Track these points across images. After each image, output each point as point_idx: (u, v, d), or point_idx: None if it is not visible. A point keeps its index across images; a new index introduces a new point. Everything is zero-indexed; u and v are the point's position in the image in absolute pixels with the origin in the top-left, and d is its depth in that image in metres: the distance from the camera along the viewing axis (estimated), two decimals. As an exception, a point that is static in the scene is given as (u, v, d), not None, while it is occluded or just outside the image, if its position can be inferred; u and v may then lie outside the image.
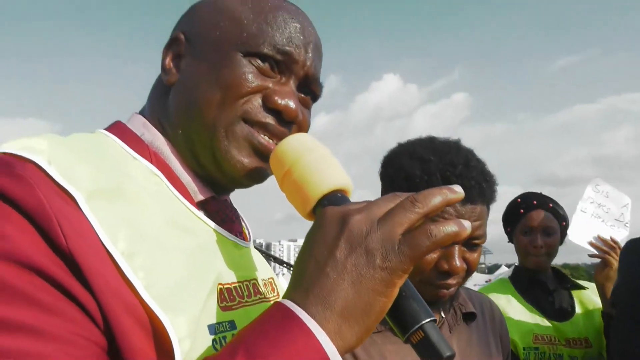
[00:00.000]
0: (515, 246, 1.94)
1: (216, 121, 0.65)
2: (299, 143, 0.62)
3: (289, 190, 0.61)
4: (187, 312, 0.54)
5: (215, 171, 0.68)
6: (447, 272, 0.94)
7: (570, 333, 1.77)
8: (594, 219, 1.78)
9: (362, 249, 0.47)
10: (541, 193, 1.95)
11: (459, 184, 0.91)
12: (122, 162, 0.62)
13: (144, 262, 0.52)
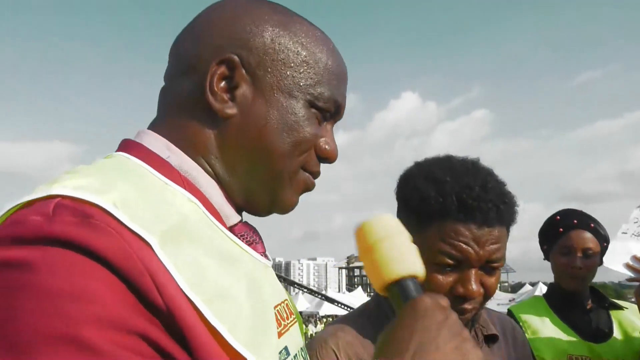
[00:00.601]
0: (552, 265, 1.87)
1: (283, 170, 0.66)
2: (387, 224, 0.68)
3: (369, 263, 0.67)
4: (268, 348, 0.55)
5: (261, 207, 0.69)
6: (463, 297, 0.91)
7: (606, 355, 1.69)
8: (633, 238, 1.71)
9: (460, 336, 0.57)
10: (582, 211, 1.87)
11: (475, 206, 0.88)
12: (161, 191, 0.57)
13: (221, 305, 0.50)
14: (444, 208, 0.90)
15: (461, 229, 0.89)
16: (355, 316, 1.08)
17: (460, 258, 0.90)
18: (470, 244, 0.89)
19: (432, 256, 0.91)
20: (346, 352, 0.97)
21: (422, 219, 0.93)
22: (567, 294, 1.83)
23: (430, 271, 0.91)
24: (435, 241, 0.91)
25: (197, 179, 0.63)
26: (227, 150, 0.64)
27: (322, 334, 1.04)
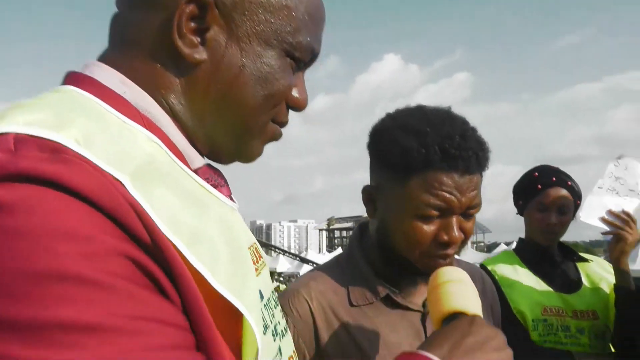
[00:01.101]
0: (527, 220, 1.91)
1: (254, 123, 0.64)
2: (456, 274, 0.83)
3: (435, 297, 0.80)
4: (250, 291, 0.54)
5: (226, 156, 0.67)
6: (447, 243, 0.94)
7: (577, 305, 1.77)
8: (608, 193, 1.76)
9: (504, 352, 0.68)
10: (559, 169, 1.90)
11: (457, 155, 0.91)
12: (120, 130, 0.52)
13: (200, 248, 0.48)
14: (426, 159, 0.91)
15: (444, 178, 0.91)
16: (328, 267, 1.10)
17: (444, 207, 0.92)
18: (454, 192, 0.91)
19: (416, 208, 0.93)
20: (319, 301, 0.99)
21: (403, 171, 0.94)
22: (539, 248, 1.89)
23: (414, 222, 0.93)
24: (419, 193, 0.92)
25: (157, 118, 0.58)
26: (193, 99, 0.60)
27: (294, 284, 1.06)
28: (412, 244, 0.95)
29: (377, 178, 1.03)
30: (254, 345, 0.52)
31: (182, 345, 0.44)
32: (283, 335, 0.67)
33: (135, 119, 0.54)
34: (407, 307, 1.01)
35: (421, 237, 0.93)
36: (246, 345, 0.52)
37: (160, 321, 0.42)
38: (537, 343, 1.74)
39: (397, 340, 0.97)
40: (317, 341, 0.97)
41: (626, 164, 1.79)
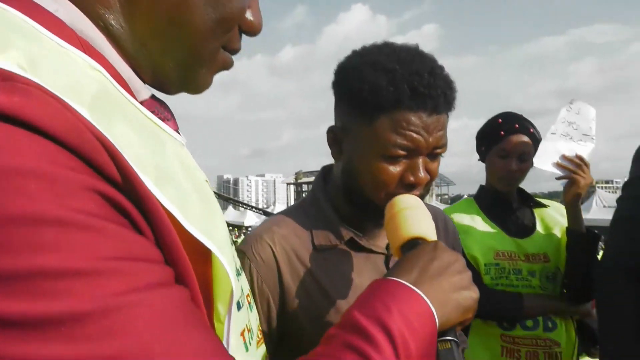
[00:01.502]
0: (488, 167, 1.92)
1: (203, 50, 0.57)
2: (411, 200, 0.86)
3: (391, 227, 0.83)
4: (219, 231, 0.51)
5: (171, 87, 0.60)
6: (412, 184, 0.92)
7: (530, 249, 1.82)
8: (562, 138, 1.77)
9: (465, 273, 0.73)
10: (522, 115, 1.91)
11: (426, 94, 0.87)
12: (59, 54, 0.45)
13: (169, 188, 0.46)
14: (395, 97, 0.88)
15: (412, 118, 0.89)
16: (292, 211, 1.08)
17: (411, 147, 0.90)
18: (421, 132, 0.89)
19: (383, 148, 0.90)
20: (282, 245, 0.97)
21: (371, 110, 0.91)
22: (497, 195, 1.92)
23: (381, 162, 0.91)
24: (386, 132, 0.90)
25: (96, 42, 0.50)
26: (135, 21, 0.53)
27: (257, 229, 1.03)
28: (377, 185, 0.93)
29: (343, 118, 0.99)
30: (227, 287, 0.51)
31: (168, 281, 0.43)
32: (240, 274, 0.65)
33: (72, 42, 0.47)
34: (371, 250, 1.01)
35: (387, 177, 0.92)
36: (217, 286, 0.51)
37: (143, 259, 0.40)
38: (489, 286, 1.80)
39: (361, 282, 0.96)
40: (281, 285, 0.96)
41: (579, 108, 1.80)
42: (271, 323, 0.97)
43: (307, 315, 0.95)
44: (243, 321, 0.58)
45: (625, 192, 1.57)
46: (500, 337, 1.78)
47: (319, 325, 0.93)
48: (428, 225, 0.81)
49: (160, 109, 0.59)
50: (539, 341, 1.75)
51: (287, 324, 0.97)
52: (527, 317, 1.76)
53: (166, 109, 0.61)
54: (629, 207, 1.52)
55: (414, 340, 0.59)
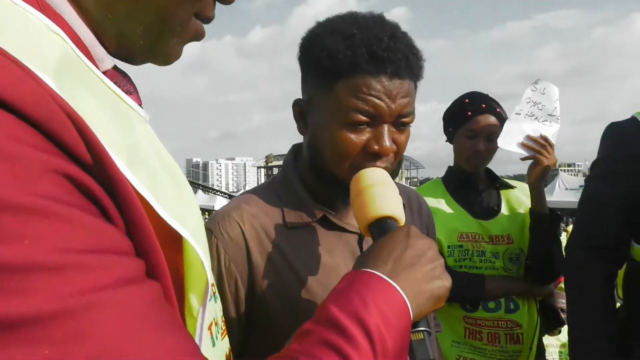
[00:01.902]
0: (455, 148, 1.91)
1: (174, 18, 0.52)
2: (378, 175, 0.83)
3: (358, 204, 0.80)
4: (192, 217, 0.48)
5: (137, 57, 0.54)
6: (377, 154, 0.88)
7: (494, 230, 1.82)
8: (527, 118, 1.76)
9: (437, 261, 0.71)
10: (488, 95, 1.89)
11: (385, 57, 0.83)
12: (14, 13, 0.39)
13: (141, 169, 0.42)
14: (353, 61, 0.86)
15: (372, 82, 0.85)
16: (262, 189, 1.04)
17: (373, 113, 0.86)
18: (382, 97, 0.86)
19: (344, 115, 0.87)
20: (251, 224, 0.94)
21: (330, 77, 0.88)
22: (464, 176, 1.91)
23: (342, 131, 0.88)
24: (346, 98, 0.86)
25: (55, 2, 0.46)
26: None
27: (225, 207, 0.99)
28: (340, 155, 0.90)
29: (307, 90, 0.96)
30: (202, 278, 0.47)
31: (139, 276, 0.39)
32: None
33: (28, 0, 0.41)
34: (344, 229, 0.98)
35: (349, 147, 0.88)
36: (190, 277, 0.48)
37: (113, 251, 0.37)
38: (452, 268, 1.79)
39: (334, 262, 0.94)
40: (250, 265, 0.92)
41: (544, 87, 1.79)
42: (239, 305, 0.93)
43: (277, 295, 0.92)
44: (211, 314, 0.54)
45: (591, 172, 1.58)
46: (463, 319, 1.78)
47: (290, 306, 0.91)
48: (397, 204, 0.79)
49: (123, 81, 0.54)
50: (500, 322, 1.76)
51: (256, 306, 0.93)
52: (490, 299, 1.76)
53: (129, 82, 0.55)
54: (595, 187, 1.53)
55: (391, 335, 0.58)
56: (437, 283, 0.69)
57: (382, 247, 0.71)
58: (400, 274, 0.65)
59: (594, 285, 1.44)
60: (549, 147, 1.73)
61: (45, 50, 0.37)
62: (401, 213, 0.79)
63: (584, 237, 1.51)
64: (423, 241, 0.72)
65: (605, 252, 1.45)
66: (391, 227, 0.76)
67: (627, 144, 1.45)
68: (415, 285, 0.66)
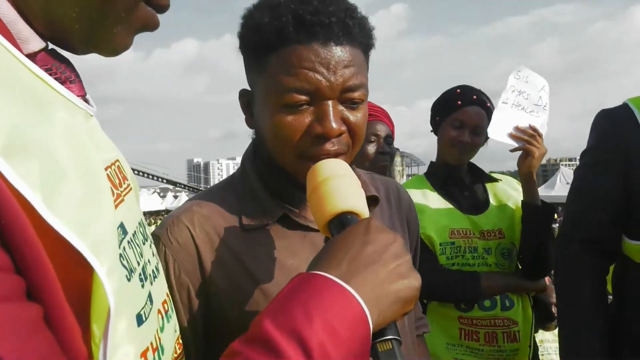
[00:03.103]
0: (440, 138, 1.86)
1: (118, 3, 0.46)
2: (334, 166, 0.73)
3: (315, 200, 0.70)
4: (102, 227, 0.41)
5: (75, 44, 0.49)
6: (322, 136, 0.78)
7: (484, 225, 1.77)
8: (514, 108, 1.72)
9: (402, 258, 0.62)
10: (480, 90, 1.86)
11: (314, 21, 0.74)
12: None
13: (29, 164, 0.35)
14: (279, 31, 0.76)
15: (304, 52, 0.75)
16: (218, 188, 0.96)
17: (309, 90, 0.76)
18: (318, 68, 0.75)
19: (279, 96, 0.77)
20: (202, 227, 0.85)
21: (261, 53, 0.79)
22: (448, 171, 1.86)
23: (281, 114, 0.78)
24: (278, 76, 0.77)
25: None
26: None
27: (175, 210, 0.90)
28: (282, 142, 0.80)
29: (248, 76, 0.87)
30: (101, 300, 0.40)
31: (6, 294, 0.33)
32: (154, 277, 0.54)
33: None
34: (308, 227, 0.88)
35: (289, 131, 0.78)
36: (95, 299, 0.40)
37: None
38: (445, 266, 1.74)
39: (297, 263, 0.85)
40: (203, 273, 0.83)
41: (526, 75, 1.75)
42: (194, 317, 0.85)
43: (234, 304, 0.83)
44: (147, 338, 0.47)
45: (581, 161, 1.52)
46: (457, 320, 1.73)
47: (249, 314, 0.82)
48: (358, 197, 0.70)
49: (61, 68, 0.48)
50: (497, 321, 1.71)
51: (213, 316, 0.85)
52: (486, 297, 1.72)
53: (69, 69, 0.50)
54: (584, 177, 1.48)
55: (340, 351, 0.50)
56: (402, 283, 0.59)
57: (336, 244, 0.62)
58: (356, 276, 0.57)
59: (583, 281, 1.39)
60: (538, 137, 1.70)
61: None
62: (363, 207, 0.70)
63: (573, 229, 1.45)
64: (385, 235, 0.62)
65: (595, 245, 1.39)
66: (352, 222, 0.67)
67: (618, 132, 1.38)
68: (377, 288, 0.57)
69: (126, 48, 0.51)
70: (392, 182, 1.12)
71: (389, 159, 1.94)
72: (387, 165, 1.95)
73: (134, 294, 0.46)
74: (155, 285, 0.55)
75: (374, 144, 1.89)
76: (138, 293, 0.47)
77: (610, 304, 1.48)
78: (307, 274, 0.58)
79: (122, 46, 0.51)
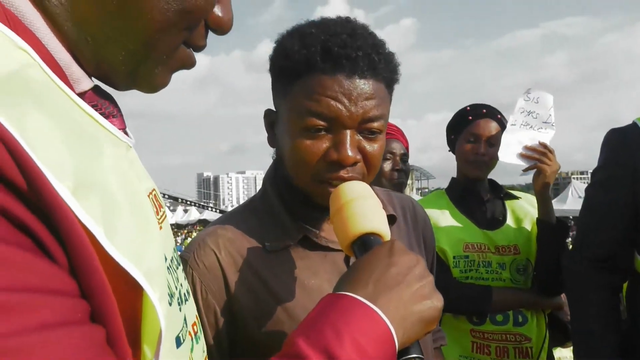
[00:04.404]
0: (457, 155, 1.89)
1: (160, 46, 0.48)
2: (357, 188, 0.76)
3: (339, 221, 0.74)
4: (152, 257, 0.43)
5: (119, 82, 0.51)
6: (338, 163, 0.80)
7: (500, 241, 1.78)
8: (523, 128, 1.74)
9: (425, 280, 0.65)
10: (489, 105, 1.90)
11: (341, 54, 0.77)
12: None
13: (92, 199, 0.38)
14: (307, 60, 0.79)
15: (328, 81, 0.78)
16: (240, 210, 0.98)
17: (330, 116, 0.79)
18: (340, 98, 0.78)
19: (300, 119, 0.80)
20: (227, 250, 0.88)
21: (287, 79, 0.83)
22: (468, 186, 1.88)
23: (300, 138, 0.81)
24: (301, 100, 0.80)
25: (28, 18, 0.42)
26: (79, 1, 0.44)
27: (201, 233, 0.93)
28: (299, 164, 0.83)
29: (274, 97, 0.91)
30: (154, 324, 0.42)
31: (77, 318, 0.35)
32: (186, 300, 0.56)
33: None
34: (328, 248, 0.90)
35: (306, 154, 0.80)
36: (145, 323, 0.42)
37: (44, 290, 0.33)
38: (458, 279, 1.75)
39: (318, 283, 0.87)
40: (229, 295, 0.86)
41: (537, 97, 1.77)
42: (221, 338, 0.87)
43: (259, 324, 0.85)
44: (183, 359, 0.49)
45: (592, 179, 1.54)
46: (470, 332, 1.74)
47: (274, 334, 0.84)
48: (381, 219, 0.73)
49: (105, 104, 0.51)
50: (509, 336, 1.71)
51: (238, 337, 0.87)
52: (498, 311, 1.72)
53: (112, 104, 0.52)
54: (595, 195, 1.49)
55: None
56: (426, 304, 0.62)
57: (362, 266, 0.65)
58: (382, 296, 0.59)
59: (592, 297, 1.40)
60: (550, 154, 1.71)
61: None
62: (385, 228, 0.73)
63: (584, 247, 1.47)
64: (409, 257, 0.66)
65: (606, 262, 1.40)
66: (374, 243, 0.70)
67: (628, 150, 1.40)
68: (401, 308, 0.60)
69: (164, 86, 0.54)
70: (407, 199, 1.14)
71: (404, 176, 2.00)
72: (403, 182, 2.00)
73: (175, 317, 0.49)
74: (188, 308, 0.57)
75: (390, 162, 1.95)
76: (177, 316, 0.50)
77: (624, 320, 1.47)
78: (336, 295, 0.61)
79: (162, 85, 0.54)
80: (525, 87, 1.76)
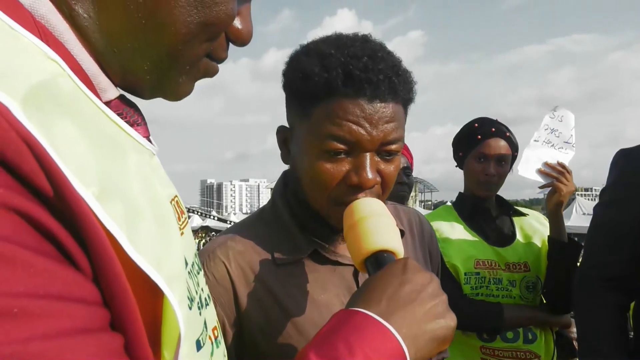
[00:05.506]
0: (466, 172, 1.90)
1: (183, 56, 0.50)
2: (372, 205, 0.77)
3: (352, 237, 0.74)
4: (174, 263, 0.45)
5: (144, 91, 0.53)
6: (357, 186, 0.80)
7: (510, 258, 1.79)
8: (544, 145, 1.76)
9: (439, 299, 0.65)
10: (498, 120, 1.90)
11: (363, 78, 0.77)
12: (5, 37, 0.39)
13: (116, 205, 0.39)
14: (328, 83, 0.79)
15: (349, 106, 0.78)
16: (250, 222, 0.98)
17: (351, 140, 0.78)
18: (361, 122, 0.78)
19: (320, 142, 0.80)
20: (237, 262, 0.88)
21: (307, 101, 0.82)
22: (476, 202, 1.89)
23: (320, 161, 0.80)
24: (322, 124, 0.79)
25: (58, 30, 0.44)
26: (106, 13, 0.46)
27: (211, 244, 0.93)
28: (318, 187, 0.82)
29: (289, 115, 0.91)
30: (173, 328, 0.43)
31: (95, 326, 0.36)
32: (207, 304, 0.57)
33: (27, 26, 0.40)
34: (338, 262, 0.91)
35: (326, 178, 0.80)
36: (166, 327, 0.43)
37: (65, 298, 0.33)
38: (469, 296, 1.76)
39: (327, 298, 0.88)
40: (238, 307, 0.86)
41: (561, 115, 1.80)
42: (228, 351, 0.86)
43: (267, 338, 0.86)
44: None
45: (601, 199, 1.55)
46: (480, 349, 1.74)
47: (282, 351, 0.84)
48: (394, 236, 0.74)
49: (130, 112, 0.53)
50: (519, 353, 1.72)
51: (246, 350, 0.88)
52: (508, 329, 1.73)
53: (137, 113, 0.54)
54: (604, 214, 1.51)
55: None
56: (439, 323, 0.62)
57: (375, 283, 0.65)
58: (395, 314, 0.59)
59: (601, 317, 1.40)
60: (567, 174, 1.72)
61: (22, 74, 0.36)
62: (399, 246, 0.73)
63: (592, 266, 1.48)
64: (423, 275, 0.65)
65: (614, 282, 1.41)
66: (388, 261, 0.70)
67: (636, 171, 1.42)
68: (414, 326, 0.60)
69: (188, 94, 0.56)
70: (414, 212, 1.13)
71: (407, 189, 2.04)
72: (406, 195, 2.02)
73: (195, 321, 0.49)
74: (208, 312, 0.57)
75: None
76: (197, 320, 0.50)
77: (631, 340, 1.48)
78: (349, 311, 0.61)
79: (185, 93, 0.56)
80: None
